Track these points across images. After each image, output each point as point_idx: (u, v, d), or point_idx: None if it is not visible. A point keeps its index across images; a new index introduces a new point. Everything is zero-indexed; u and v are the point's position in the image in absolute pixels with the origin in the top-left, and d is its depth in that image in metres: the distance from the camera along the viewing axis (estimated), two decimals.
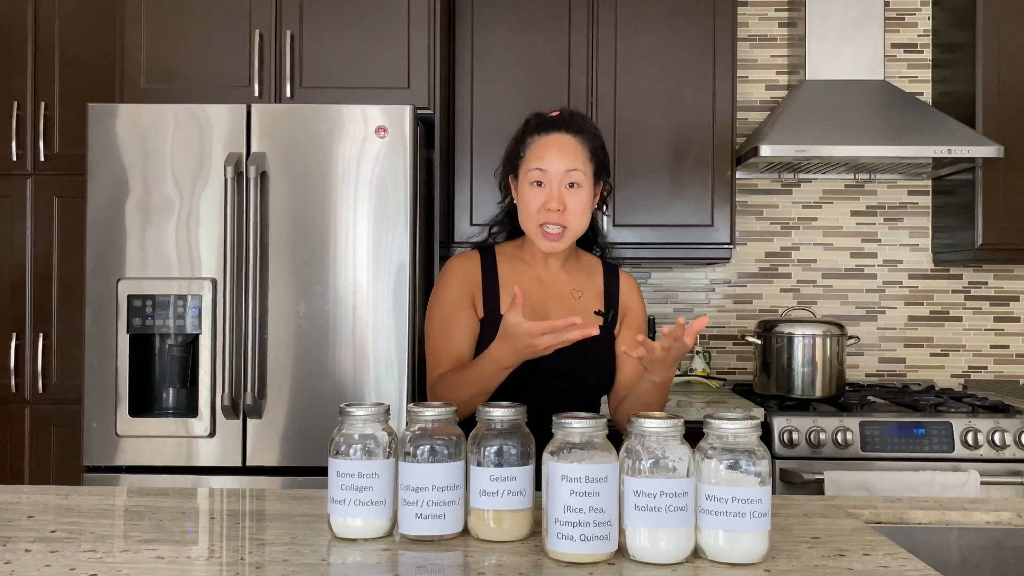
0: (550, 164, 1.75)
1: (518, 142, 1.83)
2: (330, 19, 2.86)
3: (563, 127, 1.79)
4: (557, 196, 1.74)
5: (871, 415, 2.74)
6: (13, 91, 3.14)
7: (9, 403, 3.11)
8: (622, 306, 1.87)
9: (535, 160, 1.77)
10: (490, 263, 1.84)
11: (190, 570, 1.23)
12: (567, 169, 1.75)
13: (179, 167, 2.61)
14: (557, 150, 1.76)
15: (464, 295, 1.81)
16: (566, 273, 1.86)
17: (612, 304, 1.86)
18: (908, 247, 3.50)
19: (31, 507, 1.54)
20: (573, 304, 1.83)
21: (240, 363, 2.57)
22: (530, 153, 1.78)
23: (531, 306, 1.78)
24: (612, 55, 3.14)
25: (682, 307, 3.50)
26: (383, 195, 2.61)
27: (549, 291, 1.83)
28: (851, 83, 3.19)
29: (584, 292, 1.85)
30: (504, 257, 1.86)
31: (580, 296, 1.84)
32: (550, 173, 1.75)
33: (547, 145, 1.77)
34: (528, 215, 1.77)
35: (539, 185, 1.75)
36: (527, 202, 1.77)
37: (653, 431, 1.25)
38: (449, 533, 1.34)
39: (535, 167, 1.76)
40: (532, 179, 1.76)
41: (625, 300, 1.88)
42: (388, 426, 1.40)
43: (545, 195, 1.75)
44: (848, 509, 1.57)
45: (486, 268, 1.83)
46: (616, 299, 1.87)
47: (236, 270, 2.58)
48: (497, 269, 1.84)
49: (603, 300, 1.86)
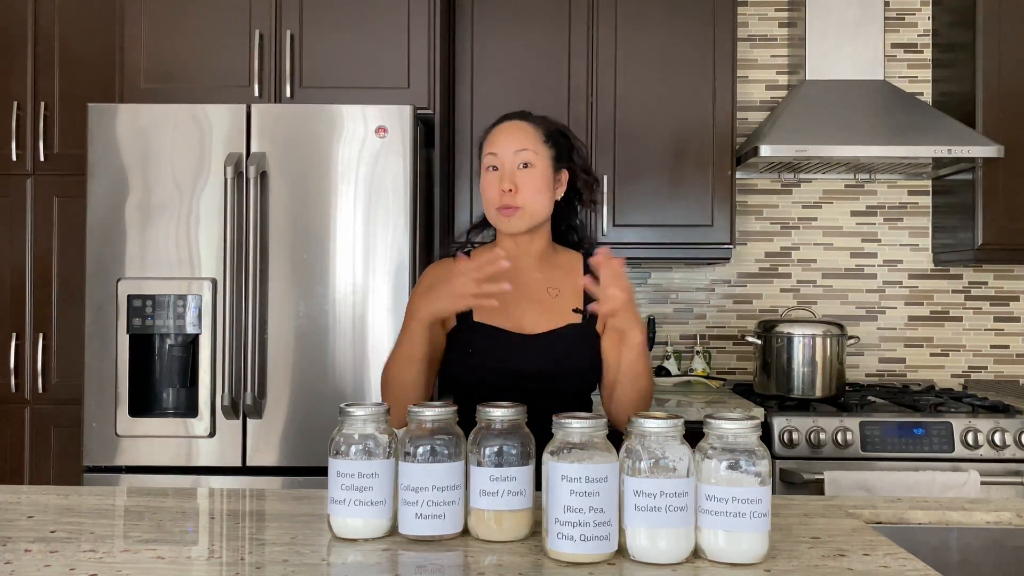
0: (500, 147, 1.81)
1: (480, 142, 1.89)
2: (330, 19, 2.86)
3: (514, 116, 1.87)
4: (509, 176, 1.79)
5: (871, 415, 2.74)
6: (13, 91, 3.15)
7: (9, 403, 3.11)
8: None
9: (488, 147, 1.83)
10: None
11: (190, 570, 1.23)
12: (516, 149, 1.80)
13: (179, 167, 2.61)
14: (506, 134, 1.82)
15: None
16: (541, 272, 1.85)
17: (591, 299, 1.83)
18: (908, 247, 3.50)
19: (31, 507, 1.54)
20: (550, 303, 1.82)
21: (240, 363, 2.57)
22: (486, 146, 1.84)
23: (504, 306, 1.77)
24: (612, 55, 3.14)
25: (682, 307, 3.50)
26: (383, 195, 2.61)
27: (523, 291, 1.82)
28: (851, 83, 3.19)
29: (561, 290, 1.84)
30: None
31: (557, 294, 1.84)
32: (500, 156, 1.80)
33: (499, 131, 1.84)
34: (487, 201, 1.83)
35: (494, 170, 1.81)
36: (484, 189, 1.83)
37: (653, 431, 1.25)
38: (449, 533, 1.34)
39: (488, 152, 1.82)
40: (487, 165, 1.82)
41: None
42: (388, 426, 1.40)
43: (498, 178, 1.79)
44: (848, 509, 1.57)
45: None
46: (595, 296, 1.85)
47: (236, 270, 2.58)
48: None
49: (582, 296, 1.83)
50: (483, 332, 1.80)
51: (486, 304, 1.64)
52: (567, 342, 1.80)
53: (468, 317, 1.81)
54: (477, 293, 1.61)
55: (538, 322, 1.80)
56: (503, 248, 1.84)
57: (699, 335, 3.47)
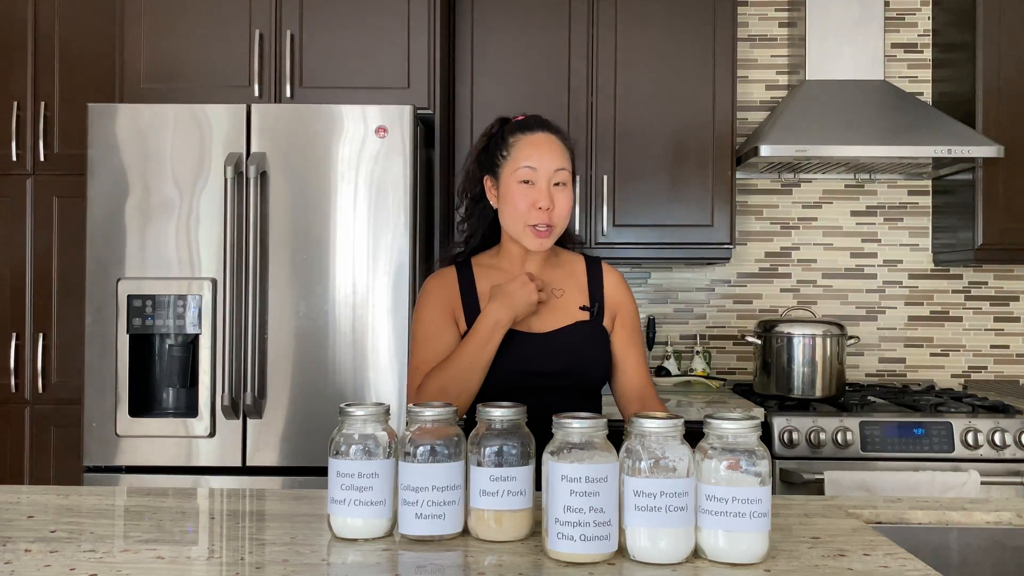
0: (540, 162, 1.74)
1: (498, 142, 1.81)
2: (330, 19, 2.86)
3: (547, 127, 1.80)
4: (547, 194, 1.74)
5: (871, 415, 2.74)
6: (13, 91, 3.15)
7: (9, 403, 3.11)
8: (611, 303, 1.86)
9: (524, 158, 1.75)
10: (467, 277, 1.84)
11: (190, 570, 1.23)
12: (556, 168, 1.75)
13: (179, 167, 2.61)
14: (547, 148, 1.76)
15: (444, 312, 1.81)
16: (546, 274, 1.85)
17: (597, 297, 1.85)
18: (908, 247, 3.50)
19: (31, 507, 1.54)
20: (556, 302, 1.83)
21: (240, 363, 2.57)
22: (517, 152, 1.76)
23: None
24: (612, 55, 3.14)
25: (682, 307, 3.50)
26: (383, 195, 2.61)
27: None
28: (851, 83, 3.19)
29: (567, 290, 1.85)
30: (481, 269, 1.86)
31: (563, 294, 1.84)
32: (540, 171, 1.74)
33: (536, 143, 1.77)
34: (516, 214, 1.76)
35: (528, 183, 1.75)
36: (515, 200, 1.75)
37: (653, 431, 1.25)
38: (449, 533, 1.34)
39: (524, 165, 1.75)
40: (521, 177, 1.75)
41: (613, 295, 1.87)
42: (388, 426, 1.40)
43: (535, 193, 1.74)
44: (848, 509, 1.56)
45: (464, 283, 1.83)
46: (600, 292, 1.86)
47: (236, 270, 2.58)
48: (475, 283, 1.84)
49: (587, 295, 1.85)
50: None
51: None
52: (576, 339, 1.80)
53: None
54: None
55: (547, 321, 1.81)
56: (507, 253, 1.84)
57: (699, 335, 3.47)
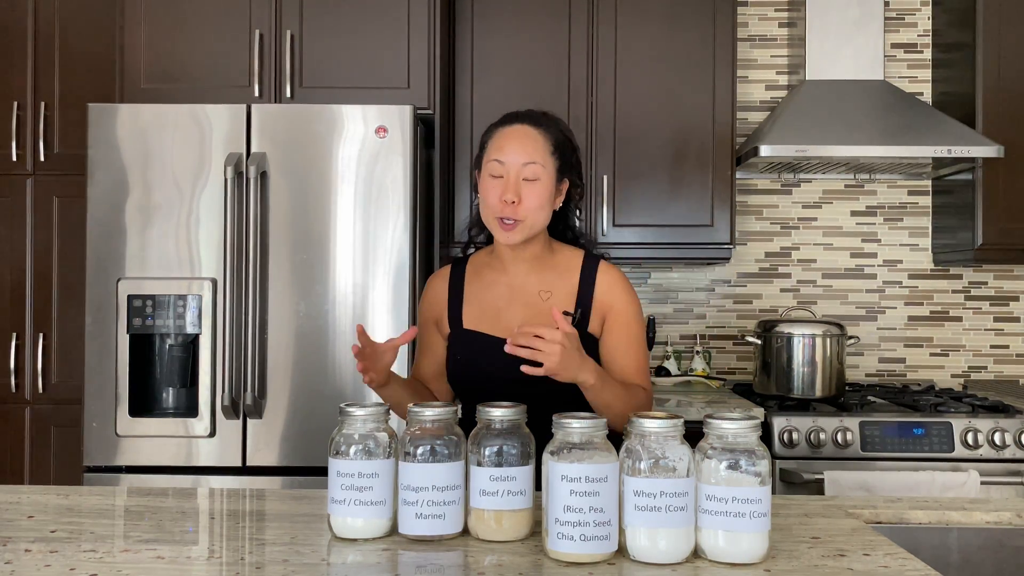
0: (508, 156, 1.74)
1: (483, 136, 1.83)
2: (330, 19, 2.86)
3: (525, 119, 1.79)
4: (513, 187, 1.72)
5: (871, 415, 2.74)
6: (13, 91, 3.14)
7: (9, 403, 3.11)
8: (601, 305, 1.80)
9: (495, 151, 1.76)
10: (458, 278, 1.87)
11: (190, 570, 1.23)
12: (524, 162, 1.73)
13: (179, 167, 2.61)
14: (517, 142, 1.75)
15: (429, 319, 1.89)
16: (536, 274, 1.83)
17: (584, 301, 1.80)
18: (908, 247, 3.50)
19: (31, 507, 1.54)
20: (540, 306, 1.79)
21: (240, 363, 2.57)
22: (491, 145, 1.78)
23: (494, 311, 1.80)
24: (612, 55, 3.14)
25: (682, 307, 3.50)
26: (383, 195, 2.61)
27: (515, 295, 1.82)
28: (851, 83, 3.19)
29: (553, 292, 1.81)
30: (473, 268, 1.87)
31: (548, 297, 1.81)
32: (507, 164, 1.74)
33: (507, 136, 1.77)
34: (486, 207, 1.76)
35: (497, 176, 1.74)
36: (485, 194, 1.76)
37: (653, 431, 1.25)
38: (449, 533, 1.34)
39: (494, 158, 1.75)
40: (490, 171, 1.76)
41: (603, 297, 1.81)
42: (388, 426, 1.40)
43: (502, 187, 1.73)
44: (848, 509, 1.57)
45: (454, 284, 1.87)
46: (590, 296, 1.81)
47: (236, 270, 2.58)
48: (464, 283, 1.85)
49: (575, 299, 1.81)
50: (468, 339, 1.81)
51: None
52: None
53: (459, 324, 1.83)
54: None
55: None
56: (499, 251, 1.83)
57: (699, 335, 3.47)
